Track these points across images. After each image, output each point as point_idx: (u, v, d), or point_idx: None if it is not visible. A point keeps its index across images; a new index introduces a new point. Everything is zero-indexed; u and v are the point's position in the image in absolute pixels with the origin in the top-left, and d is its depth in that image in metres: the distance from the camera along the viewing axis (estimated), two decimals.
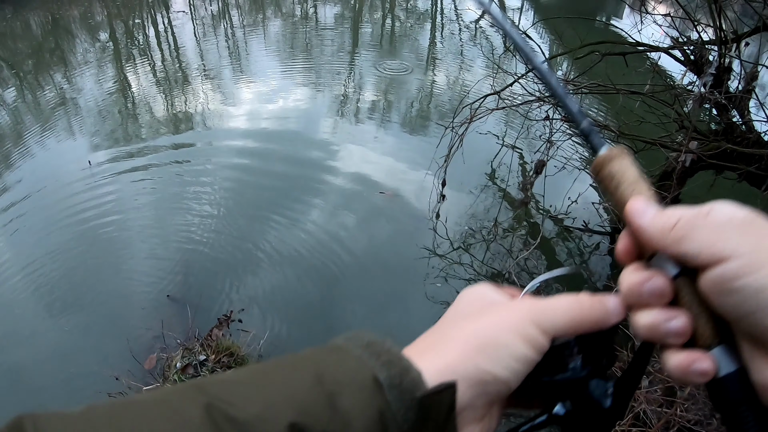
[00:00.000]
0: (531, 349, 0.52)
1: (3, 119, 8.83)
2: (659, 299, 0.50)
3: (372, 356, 0.50)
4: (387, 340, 0.53)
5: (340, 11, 14.21)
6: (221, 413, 0.43)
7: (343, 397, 0.47)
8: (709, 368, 0.48)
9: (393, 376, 0.48)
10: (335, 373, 0.49)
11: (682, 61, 4.62)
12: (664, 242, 0.49)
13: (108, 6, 15.25)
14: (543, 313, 0.54)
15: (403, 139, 7.31)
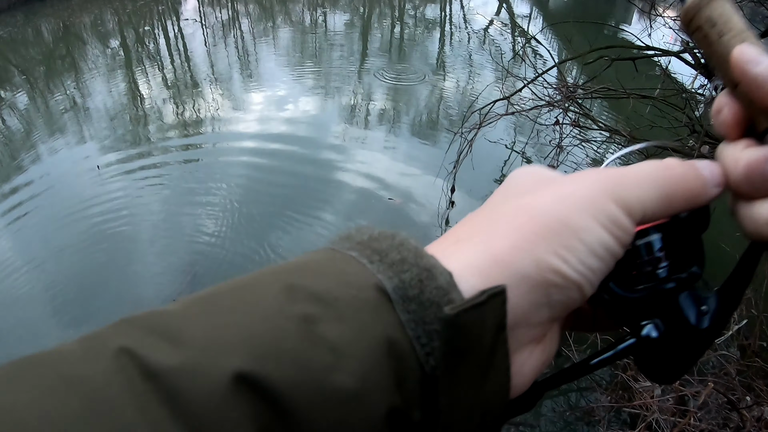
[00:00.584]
0: (613, 236, 0.37)
1: (14, 124, 8.89)
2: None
3: (374, 255, 0.35)
4: (399, 233, 0.37)
5: (350, 19, 14.24)
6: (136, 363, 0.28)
7: (326, 322, 0.31)
8: None
9: (407, 282, 0.33)
10: (315, 284, 0.33)
11: (692, 65, 4.58)
12: None
13: (119, 13, 15.37)
14: (624, 185, 0.37)
15: (412, 145, 7.29)
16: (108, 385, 0.27)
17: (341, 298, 0.32)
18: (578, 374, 0.43)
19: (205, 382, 0.28)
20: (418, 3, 15.28)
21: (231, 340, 0.30)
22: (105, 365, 0.28)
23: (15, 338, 4.61)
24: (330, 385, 0.29)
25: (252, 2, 16.69)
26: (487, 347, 0.33)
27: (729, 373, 2.94)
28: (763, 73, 0.36)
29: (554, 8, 14.97)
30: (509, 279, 0.34)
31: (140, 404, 0.27)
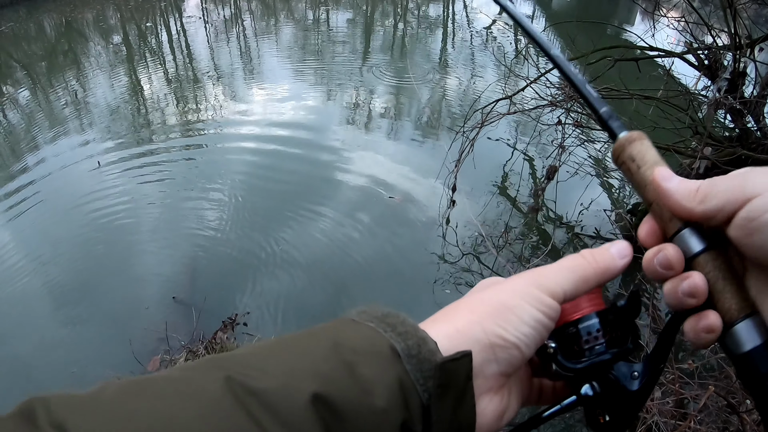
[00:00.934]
0: (539, 311, 0.53)
1: (16, 119, 8.91)
2: (668, 269, 0.51)
3: (387, 327, 0.51)
4: (400, 314, 0.53)
5: (352, 17, 14.24)
6: (241, 386, 0.42)
7: (362, 366, 0.47)
8: (714, 323, 0.49)
9: (411, 346, 0.49)
10: (352, 343, 0.49)
11: (696, 66, 4.57)
12: (691, 204, 0.50)
13: (121, 9, 15.38)
14: (546, 276, 0.54)
15: (414, 144, 7.29)
16: (222, 397, 0.41)
17: (370, 352, 0.48)
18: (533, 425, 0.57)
19: (291, 399, 0.43)
20: (421, 1, 15.28)
21: (304, 372, 0.45)
22: (216, 385, 0.42)
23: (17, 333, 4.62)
24: (369, 403, 0.45)
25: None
26: (461, 388, 0.49)
27: (729, 376, 2.92)
28: (672, 187, 0.51)
29: (557, 8, 14.96)
30: (467, 342, 0.51)
31: (247, 411, 0.41)
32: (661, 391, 3.04)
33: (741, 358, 0.48)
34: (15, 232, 5.87)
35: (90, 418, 0.39)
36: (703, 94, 4.52)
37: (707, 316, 0.49)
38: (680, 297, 0.50)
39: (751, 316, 0.48)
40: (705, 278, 0.49)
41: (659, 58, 5.06)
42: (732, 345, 0.49)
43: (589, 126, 5.35)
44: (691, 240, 0.50)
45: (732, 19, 3.93)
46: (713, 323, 0.49)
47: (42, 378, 4.19)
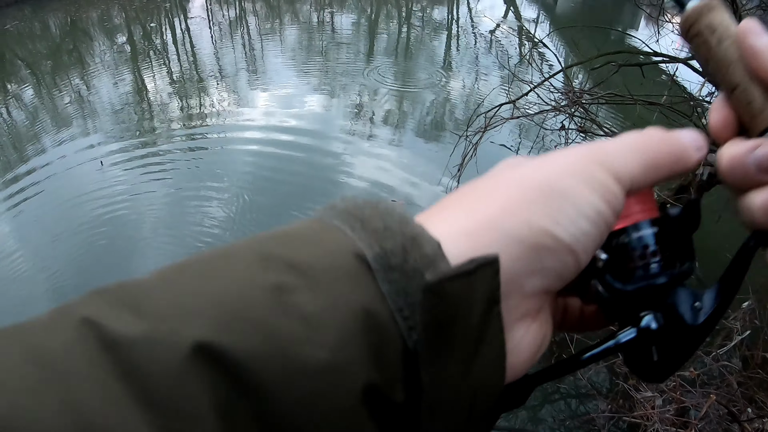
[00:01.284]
0: (603, 201, 0.35)
1: (20, 117, 8.94)
2: None
3: (356, 223, 0.32)
4: (385, 201, 0.34)
5: (356, 19, 14.25)
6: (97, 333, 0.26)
7: (300, 291, 0.29)
8: None
9: (390, 250, 0.30)
10: (292, 252, 0.30)
11: (700, 72, 4.55)
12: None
13: (126, 9, 15.40)
14: (610, 154, 0.37)
15: (416, 147, 7.28)
16: (67, 355, 0.26)
17: (317, 266, 0.29)
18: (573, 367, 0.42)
19: (163, 353, 0.26)
20: (426, 5, 15.28)
21: (195, 309, 0.28)
22: (67, 336, 0.26)
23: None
24: (299, 357, 0.27)
25: (259, 1, 16.72)
26: (477, 321, 0.31)
27: (731, 385, 2.92)
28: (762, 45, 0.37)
29: (561, 12, 14.94)
30: (500, 242, 0.33)
31: (96, 377, 0.25)
32: (662, 399, 3.03)
33: None
34: (17, 228, 5.91)
35: None
36: (708, 100, 4.50)
37: None
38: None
39: None
40: None
41: (663, 63, 5.05)
42: None
43: (593, 132, 5.33)
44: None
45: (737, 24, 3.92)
46: None
47: None
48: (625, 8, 12.82)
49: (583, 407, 3.94)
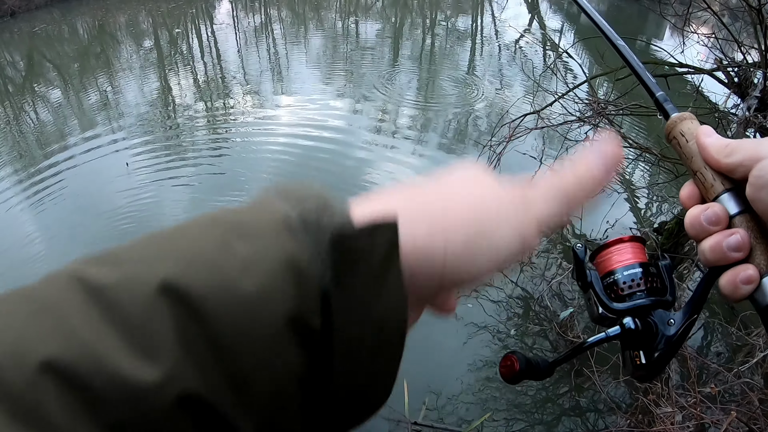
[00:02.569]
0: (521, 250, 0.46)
1: (46, 117, 9.09)
2: (715, 225, 0.55)
3: (288, 198, 0.40)
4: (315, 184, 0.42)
5: (381, 27, 14.29)
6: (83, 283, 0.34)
7: (240, 242, 0.36)
8: (753, 275, 0.53)
9: (307, 211, 0.38)
10: (236, 217, 0.39)
11: (725, 84, 4.50)
12: (719, 156, 0.56)
13: (153, 14, 15.61)
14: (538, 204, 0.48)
15: (440, 157, 7.27)
16: (59, 299, 0.33)
17: (254, 225, 0.37)
18: (580, 352, 0.65)
19: (135, 291, 0.33)
20: (450, 14, 15.30)
21: (159, 256, 0.35)
22: (58, 287, 0.34)
23: None
24: (237, 289, 0.34)
25: (285, 8, 16.85)
26: (378, 263, 0.38)
27: (752, 402, 2.87)
28: (708, 142, 0.58)
29: (586, 22, 14.66)
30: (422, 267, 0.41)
31: (83, 312, 0.32)
32: (682, 415, 2.99)
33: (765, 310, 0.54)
34: (41, 226, 6.03)
35: None
36: (733, 112, 4.45)
37: (745, 268, 0.53)
38: (725, 251, 0.54)
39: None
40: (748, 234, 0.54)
41: (688, 74, 5.01)
42: (760, 297, 0.54)
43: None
44: (730, 203, 0.56)
45: (762, 35, 3.87)
46: (752, 275, 0.53)
47: None
48: (650, 18, 12.76)
49: (602, 422, 3.91)
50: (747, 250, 0.54)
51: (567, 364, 4.41)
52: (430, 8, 16.53)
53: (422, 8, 16.60)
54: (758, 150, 0.54)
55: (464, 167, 0.49)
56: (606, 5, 16.42)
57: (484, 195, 0.46)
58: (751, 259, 0.54)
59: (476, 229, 0.43)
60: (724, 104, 4.86)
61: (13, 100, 10.27)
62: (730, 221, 0.56)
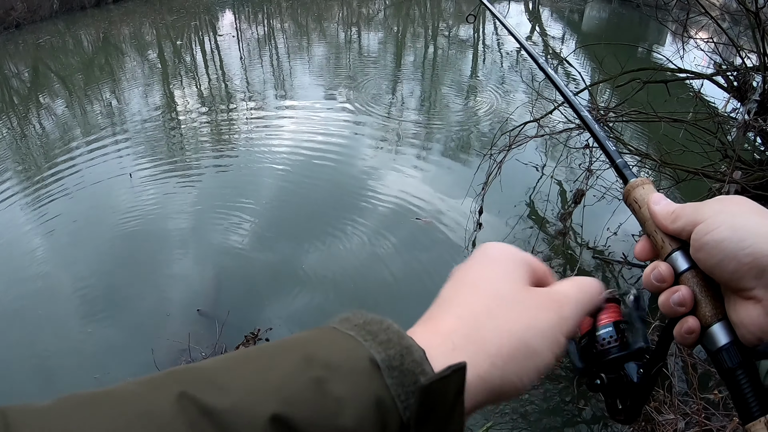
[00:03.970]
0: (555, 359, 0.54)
1: (51, 128, 9.16)
2: (662, 282, 0.62)
3: (368, 336, 0.46)
4: (386, 320, 0.48)
5: (383, 38, 14.34)
6: (196, 404, 0.38)
7: (334, 382, 0.42)
8: (693, 326, 0.60)
9: (392, 356, 0.44)
10: (326, 355, 0.44)
11: (725, 88, 4.51)
12: (666, 222, 0.64)
13: (157, 26, 15.70)
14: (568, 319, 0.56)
15: (441, 166, 7.27)
16: (174, 419, 0.37)
17: (345, 366, 0.43)
18: None
19: (249, 420, 0.38)
20: (452, 23, 15.34)
21: (266, 390, 0.41)
22: (170, 405, 0.38)
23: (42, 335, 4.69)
24: (335, 425, 0.40)
25: (287, 19, 16.93)
26: (449, 405, 0.44)
27: None
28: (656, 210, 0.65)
29: (587, 29, 14.91)
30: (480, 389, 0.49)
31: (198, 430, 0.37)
32: (685, 422, 2.96)
33: (714, 354, 0.59)
34: (47, 237, 6.03)
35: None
36: (733, 117, 4.45)
37: (687, 320, 0.60)
38: (672, 306, 0.61)
39: (723, 320, 0.59)
40: (691, 290, 0.60)
41: (688, 80, 5.00)
42: (708, 344, 0.60)
43: (617, 150, 5.28)
44: (679, 260, 0.62)
45: (761, 40, 3.88)
46: (692, 326, 0.60)
47: (64, 381, 4.26)
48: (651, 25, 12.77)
49: (605, 430, 3.88)
50: (690, 304, 0.60)
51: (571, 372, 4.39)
52: (432, 18, 16.58)
53: (424, 18, 16.65)
54: (696, 215, 0.60)
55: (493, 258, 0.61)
56: (607, 13, 16.46)
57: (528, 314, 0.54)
58: (697, 311, 0.60)
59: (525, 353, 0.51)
60: (724, 108, 4.86)
61: (18, 111, 10.33)
62: (680, 277, 0.62)
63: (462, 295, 0.56)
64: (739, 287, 0.56)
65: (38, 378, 4.33)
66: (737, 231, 0.56)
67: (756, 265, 0.54)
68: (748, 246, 0.55)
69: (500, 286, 0.57)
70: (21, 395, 4.20)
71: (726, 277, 0.57)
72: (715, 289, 0.60)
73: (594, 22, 15.63)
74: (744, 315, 0.56)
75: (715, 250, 0.57)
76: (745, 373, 0.56)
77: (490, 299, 0.55)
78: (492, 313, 0.53)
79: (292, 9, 18.24)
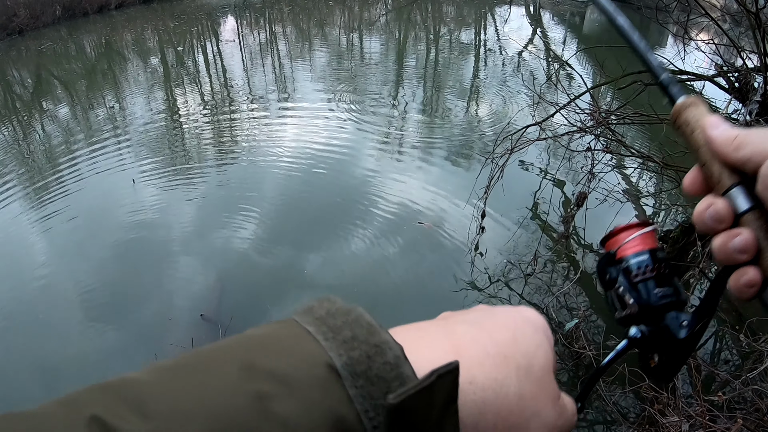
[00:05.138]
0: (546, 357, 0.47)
1: (54, 134, 9.18)
2: (719, 222, 0.54)
3: (329, 332, 0.37)
4: (355, 308, 0.40)
5: (385, 42, 14.36)
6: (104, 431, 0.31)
7: (279, 399, 0.33)
8: (755, 278, 0.52)
9: (355, 359, 0.35)
10: (271, 361, 0.35)
11: (726, 89, 4.50)
12: (727, 150, 0.54)
13: (159, 32, 15.74)
14: None
15: (444, 170, 7.27)
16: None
17: (294, 376, 0.34)
18: (598, 376, 0.62)
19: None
20: (453, 27, 15.35)
21: (192, 414, 0.32)
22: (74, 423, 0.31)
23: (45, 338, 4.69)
24: None
25: (289, 24, 16.95)
26: (435, 419, 0.34)
27: (760, 410, 2.83)
28: (715, 134, 0.55)
29: (588, 32, 14.90)
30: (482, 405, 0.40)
31: None
32: (690, 424, 2.95)
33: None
34: (50, 242, 6.05)
35: None
36: (734, 118, 4.45)
37: (747, 271, 0.52)
38: (731, 252, 0.53)
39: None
40: (755, 235, 0.52)
41: (690, 81, 5.00)
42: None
43: (619, 152, 5.29)
44: (739, 198, 0.54)
45: (762, 40, 3.87)
46: (753, 278, 0.52)
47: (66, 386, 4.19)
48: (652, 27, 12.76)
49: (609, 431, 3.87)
50: (753, 251, 0.52)
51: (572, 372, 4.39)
52: (433, 22, 16.60)
53: (426, 22, 16.67)
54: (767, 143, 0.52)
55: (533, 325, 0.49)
56: None
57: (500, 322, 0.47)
58: (760, 260, 0.53)
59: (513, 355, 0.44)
60: (726, 110, 4.85)
61: (21, 117, 10.36)
62: (740, 218, 0.54)
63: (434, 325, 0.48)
64: None
65: (40, 383, 4.32)
66: None
67: None
68: None
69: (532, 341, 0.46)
70: (22, 400, 4.20)
71: None
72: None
73: (595, 25, 15.61)
74: None
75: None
76: None
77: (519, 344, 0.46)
78: (467, 320, 0.47)
79: (293, 14, 18.28)
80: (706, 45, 5.01)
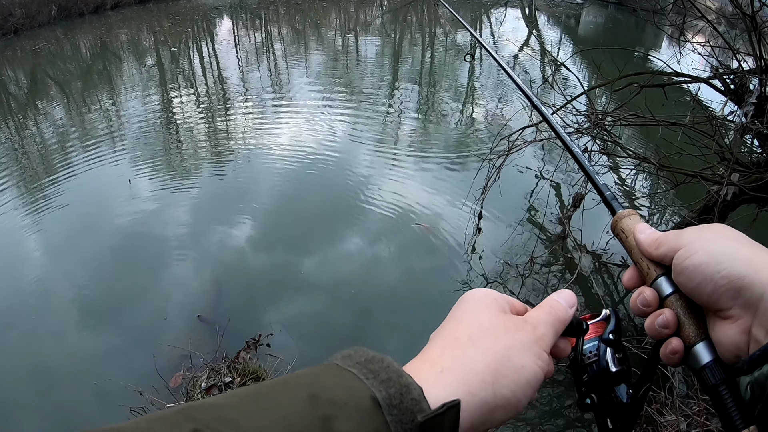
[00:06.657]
0: (542, 371, 0.59)
1: (49, 134, 9.15)
2: (647, 306, 0.66)
3: (370, 374, 0.49)
4: (386, 358, 0.52)
5: (381, 44, 14.37)
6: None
7: (339, 420, 0.45)
8: (677, 346, 0.63)
9: (392, 395, 0.48)
10: (330, 393, 0.47)
11: (722, 91, 4.52)
12: (650, 249, 0.68)
13: (155, 33, 15.71)
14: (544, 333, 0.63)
15: (440, 172, 7.27)
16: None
17: (349, 404, 0.46)
18: None
19: None
20: (448, 29, 15.37)
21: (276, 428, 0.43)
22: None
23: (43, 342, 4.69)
24: None
25: (285, 25, 16.95)
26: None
27: None
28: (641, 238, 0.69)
29: (584, 34, 14.95)
30: (475, 406, 0.53)
31: None
32: (687, 424, 2.97)
33: (698, 372, 0.62)
34: (45, 244, 6.02)
35: None
36: (730, 120, 4.46)
37: (671, 342, 0.64)
38: (657, 329, 0.65)
39: (706, 340, 0.62)
40: (674, 313, 0.64)
41: (685, 83, 5.02)
42: (692, 362, 0.63)
43: (615, 154, 5.31)
44: (663, 285, 0.66)
45: (757, 43, 3.89)
46: (676, 346, 0.63)
47: (64, 388, 4.26)
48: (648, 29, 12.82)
49: None
50: (673, 326, 0.64)
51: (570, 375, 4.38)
52: (429, 24, 16.62)
53: (421, 24, 16.70)
54: (677, 241, 0.64)
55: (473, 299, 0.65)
56: (603, 18, 16.54)
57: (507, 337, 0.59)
58: (681, 332, 0.64)
59: (510, 368, 0.56)
60: (722, 111, 4.87)
61: (16, 117, 10.34)
62: (664, 301, 0.66)
63: (446, 330, 0.61)
64: (717, 308, 0.60)
65: (37, 385, 4.32)
66: (714, 255, 0.60)
67: (731, 287, 0.58)
68: (723, 269, 0.59)
69: (479, 316, 0.62)
70: (19, 403, 4.20)
71: (705, 298, 0.61)
72: (698, 311, 0.64)
73: (590, 27, 15.70)
74: (723, 334, 0.60)
75: (694, 274, 0.61)
76: (728, 388, 0.59)
77: (471, 328, 0.60)
78: (474, 338, 0.59)
79: (289, 15, 18.29)
80: (701, 47, 5.03)
